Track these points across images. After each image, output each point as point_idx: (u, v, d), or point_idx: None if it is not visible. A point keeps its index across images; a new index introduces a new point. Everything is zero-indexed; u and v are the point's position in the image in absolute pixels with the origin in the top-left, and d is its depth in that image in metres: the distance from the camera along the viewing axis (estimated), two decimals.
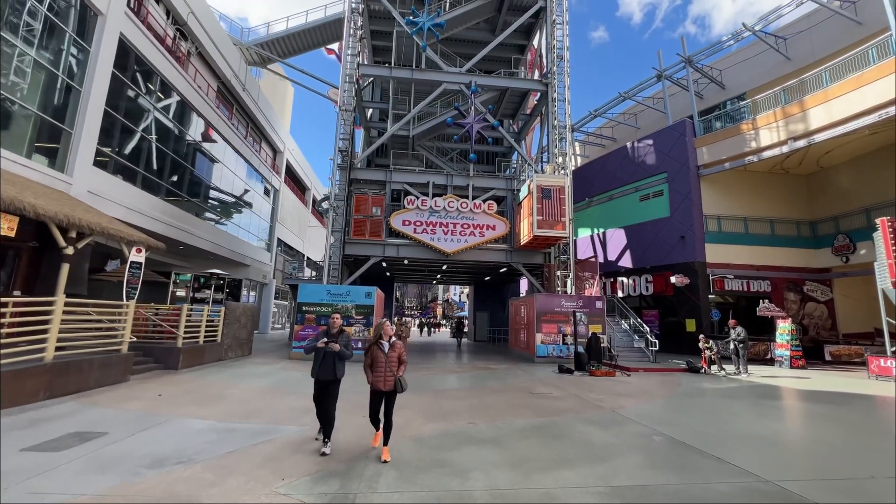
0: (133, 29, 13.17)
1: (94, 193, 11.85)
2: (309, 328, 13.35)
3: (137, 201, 13.97)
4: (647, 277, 20.09)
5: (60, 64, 11.04)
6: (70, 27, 11.14)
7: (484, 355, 17.20)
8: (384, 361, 4.61)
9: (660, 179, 20.26)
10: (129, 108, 13.69)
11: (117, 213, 12.79)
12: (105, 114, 12.48)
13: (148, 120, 14.65)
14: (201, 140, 18.16)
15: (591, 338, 12.59)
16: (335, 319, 5.04)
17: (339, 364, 4.79)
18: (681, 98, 23.03)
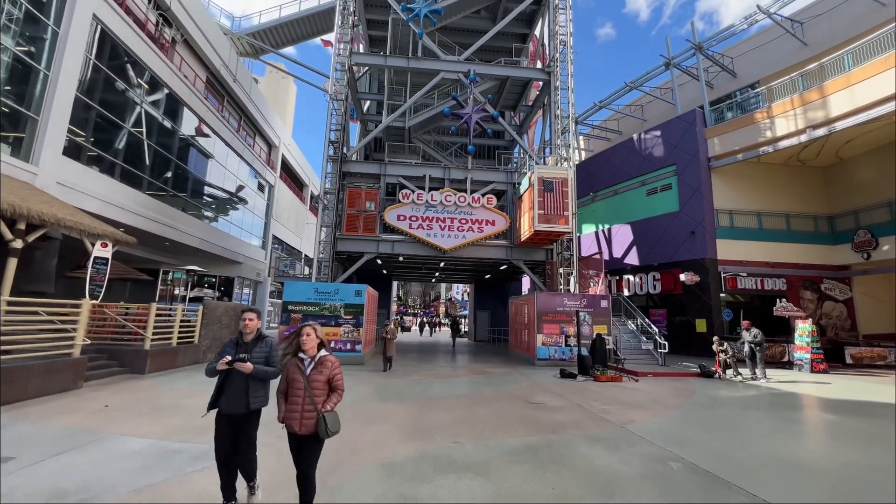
0: (108, 11, 12.41)
1: (64, 185, 11.11)
2: (294, 329, 12.55)
3: (116, 194, 13.24)
4: (655, 275, 19.15)
5: (25, 45, 10.30)
6: (36, 6, 10.39)
7: (482, 357, 16.36)
8: (303, 388, 3.04)
9: (668, 172, 19.29)
10: (106, 96, 12.95)
11: (91, 206, 12.07)
12: (78, 101, 11.75)
13: (128, 109, 13.91)
14: (188, 132, 17.42)
15: (596, 339, 11.71)
16: (248, 321, 3.46)
17: (254, 388, 3.30)
18: (690, 88, 22.04)
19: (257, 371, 3.27)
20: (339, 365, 3.26)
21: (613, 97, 23.68)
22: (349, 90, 20.18)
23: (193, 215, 18.31)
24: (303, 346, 3.19)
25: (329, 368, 3.17)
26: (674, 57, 20.25)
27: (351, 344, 12.59)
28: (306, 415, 3.02)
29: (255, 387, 3.32)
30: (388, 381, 9.66)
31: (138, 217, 14.25)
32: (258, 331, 3.55)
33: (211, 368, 3.30)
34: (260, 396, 3.36)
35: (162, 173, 16.02)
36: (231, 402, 3.29)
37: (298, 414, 3.02)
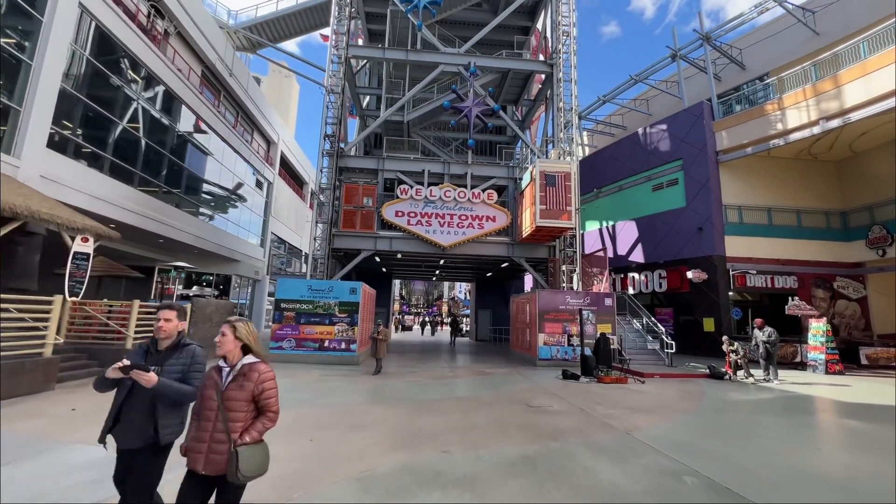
0: (96, 0, 12.04)
1: (48, 178, 10.75)
2: (287, 327, 12.18)
3: (105, 189, 12.87)
4: (661, 273, 18.62)
5: (7, 35, 9.93)
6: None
7: (482, 357, 15.91)
8: (215, 408, 2.23)
9: (674, 167, 18.74)
10: (94, 88, 12.58)
11: (78, 200, 11.71)
12: (64, 93, 11.40)
13: (118, 103, 13.54)
14: (182, 127, 17.06)
15: (600, 339, 11.23)
16: (163, 322, 2.62)
17: (164, 414, 2.42)
18: (697, 81, 21.48)
19: (165, 388, 2.32)
20: (271, 376, 2.41)
21: (618, 91, 23.13)
22: (347, 84, 19.80)
23: (189, 212, 17.96)
24: (221, 343, 2.35)
25: (255, 381, 2.29)
26: (680, 48, 19.69)
27: (345, 343, 12.17)
28: (215, 447, 2.14)
29: (165, 412, 2.42)
30: (382, 382, 9.23)
31: (129, 213, 13.89)
32: (178, 335, 2.70)
33: (101, 379, 2.35)
34: (172, 426, 2.46)
35: (154, 169, 15.65)
36: (128, 431, 2.37)
37: (206, 444, 2.16)
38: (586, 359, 10.71)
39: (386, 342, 10.65)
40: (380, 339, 10.44)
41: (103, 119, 13.05)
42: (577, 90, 16.73)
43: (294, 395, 7.41)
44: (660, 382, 9.99)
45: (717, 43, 19.23)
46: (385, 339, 10.53)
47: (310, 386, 8.35)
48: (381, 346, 10.62)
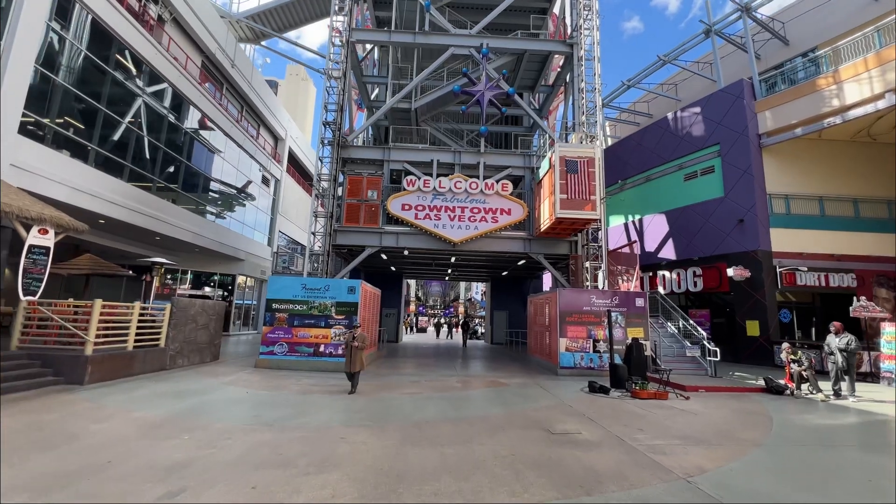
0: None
1: (20, 168, 9.88)
2: (279, 330, 11.02)
3: (89, 182, 12.01)
4: (695, 270, 16.81)
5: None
6: None
7: (497, 363, 14.46)
8: None
9: (710, 153, 16.93)
10: (78, 74, 11.75)
11: (57, 192, 10.85)
12: (41, 77, 10.57)
13: (105, 89, 12.70)
14: (179, 118, 16.22)
15: (632, 345, 9.67)
16: None
17: None
18: (732, 60, 19.53)
19: None
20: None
21: (643, 74, 21.38)
22: (353, 72, 18.68)
23: (188, 209, 17.14)
24: None
25: None
26: (715, 23, 17.85)
27: (343, 348, 10.93)
28: None
29: None
30: (374, 396, 7.95)
31: (118, 207, 13.04)
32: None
33: None
34: None
35: (148, 162, 14.82)
36: None
37: None
38: (617, 368, 9.17)
39: (363, 351, 8.24)
40: (355, 347, 8.08)
41: (89, 107, 12.21)
42: (600, 69, 15.14)
43: (266, 414, 6.17)
44: (707, 398, 8.39)
45: (757, 16, 17.32)
46: (362, 347, 8.14)
47: (289, 401, 7.11)
48: (357, 357, 8.07)
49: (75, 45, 11.51)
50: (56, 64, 11.02)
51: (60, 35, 11.02)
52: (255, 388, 8.08)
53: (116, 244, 15.76)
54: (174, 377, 8.77)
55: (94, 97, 12.32)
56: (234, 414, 6.14)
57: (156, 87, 14.85)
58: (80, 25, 11.70)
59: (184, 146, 16.72)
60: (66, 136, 11.53)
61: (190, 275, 21.42)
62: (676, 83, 22.75)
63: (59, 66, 11.10)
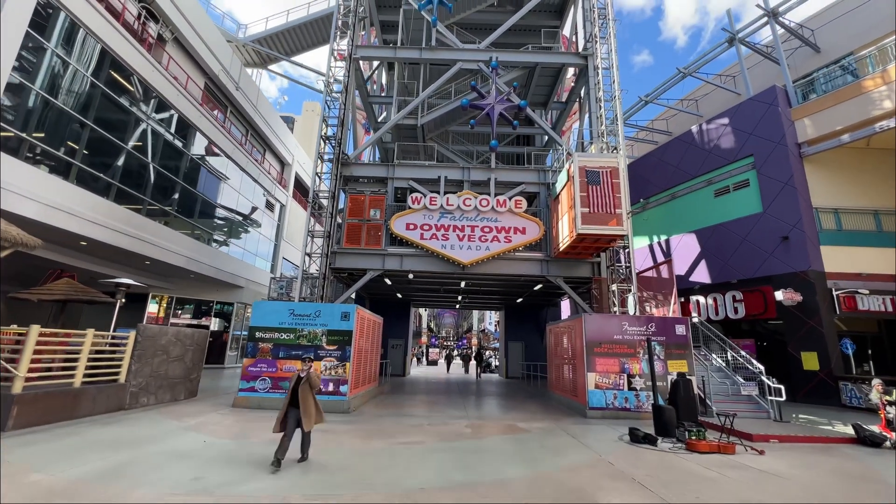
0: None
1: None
2: (262, 363, 9.60)
3: (68, 199, 11.12)
4: (735, 295, 14.99)
5: None
6: None
7: (513, 402, 12.66)
8: None
9: (743, 166, 15.48)
10: (61, 85, 11.13)
11: (26, 209, 9.93)
12: (16, 87, 9.91)
13: (92, 104, 12.06)
14: (176, 138, 15.59)
15: (678, 382, 7.95)
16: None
17: None
18: (757, 72, 18.35)
19: None
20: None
21: (662, 89, 20.36)
22: (357, 91, 18.10)
23: (184, 233, 16.24)
24: None
25: None
26: (739, 30, 16.85)
27: (333, 384, 9.42)
28: None
29: None
30: (364, 446, 6.39)
31: (100, 227, 12.10)
32: None
33: None
34: None
35: (138, 181, 14.04)
36: None
37: None
38: (662, 411, 7.45)
39: (314, 392, 5.47)
40: (305, 391, 5.37)
41: (72, 121, 11.51)
42: (619, 76, 14.10)
43: (212, 476, 4.69)
44: (785, 452, 6.58)
45: (785, 22, 16.27)
46: (314, 388, 5.46)
47: (251, 455, 5.60)
48: (308, 404, 5.34)
49: (65, 60, 10.93)
50: (36, 75, 10.39)
51: (44, 46, 10.44)
52: (218, 436, 6.60)
53: (104, 269, 14.79)
54: (128, 420, 7.35)
55: (81, 111, 11.64)
56: (169, 476, 4.67)
57: (151, 104, 14.27)
58: (66, 35, 11.17)
59: (180, 167, 16.01)
60: (43, 149, 10.74)
61: (191, 304, 20.36)
62: (697, 98, 21.65)
63: (40, 77, 10.46)
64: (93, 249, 13.24)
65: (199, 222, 17.49)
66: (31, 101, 10.33)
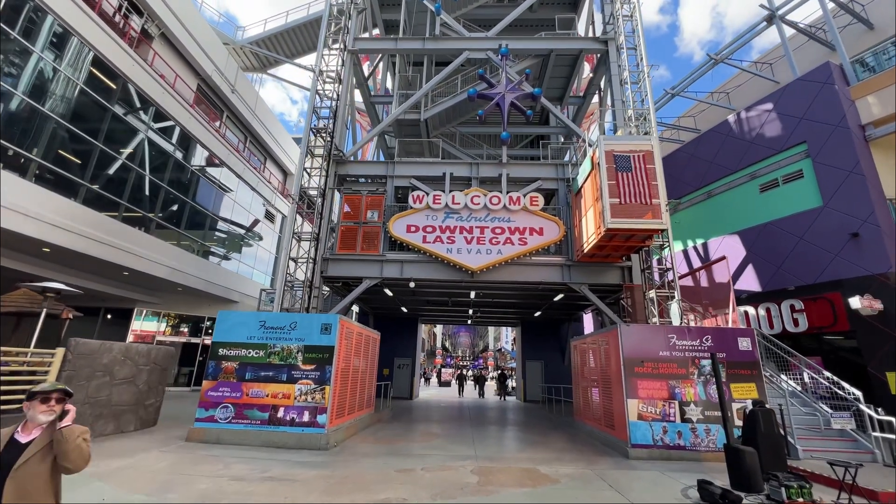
0: None
1: None
2: (225, 386, 7.89)
3: (25, 199, 9.87)
4: (794, 304, 12.72)
5: None
6: None
7: (533, 434, 10.58)
8: None
9: (795, 155, 13.43)
10: (14, 68, 10.05)
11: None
12: None
13: (55, 91, 10.96)
14: (157, 135, 14.46)
15: (756, 414, 5.90)
16: None
17: None
18: (799, 58, 16.42)
19: None
20: None
21: (689, 80, 18.57)
22: (358, 90, 16.88)
23: (171, 243, 14.96)
24: None
25: None
26: (778, 7, 15.05)
27: (309, 413, 7.63)
28: None
29: None
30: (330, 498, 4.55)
31: (66, 233, 10.80)
32: None
33: None
34: None
35: (114, 184, 12.84)
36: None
37: None
38: (741, 456, 5.40)
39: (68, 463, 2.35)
40: (56, 451, 2.34)
41: (30, 110, 10.36)
42: (645, 52, 12.41)
43: None
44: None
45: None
46: (67, 457, 2.33)
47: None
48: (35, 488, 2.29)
49: (27, 46, 9.85)
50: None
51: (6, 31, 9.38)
52: (131, 488, 4.87)
53: (77, 280, 13.49)
54: None
55: (38, 98, 10.50)
56: None
57: (128, 97, 13.18)
58: (30, 17, 10.13)
59: (165, 170, 14.83)
60: None
61: (190, 321, 19.02)
62: (728, 91, 19.73)
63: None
64: (59, 258, 11.96)
65: (187, 231, 16.22)
66: None
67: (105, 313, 16.97)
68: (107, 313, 17.01)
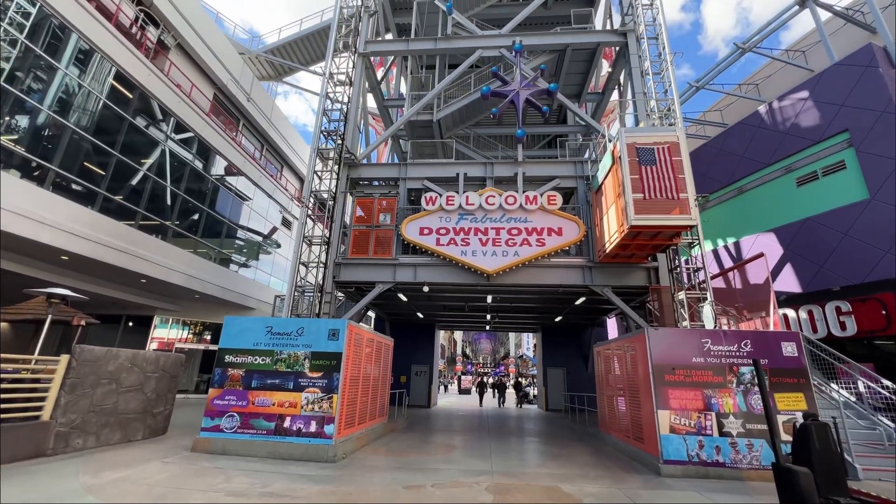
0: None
1: None
2: (231, 394, 7.64)
3: (41, 208, 9.98)
4: (839, 306, 11.72)
5: None
6: None
7: (555, 446, 9.94)
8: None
9: (836, 145, 12.48)
10: (34, 80, 10.23)
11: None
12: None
13: (73, 101, 11.14)
14: (176, 145, 14.61)
15: (809, 429, 5.17)
16: None
17: None
18: (836, 41, 15.40)
19: None
20: None
21: (714, 72, 17.69)
22: (371, 93, 16.76)
23: (190, 251, 15.07)
24: None
25: None
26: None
27: (316, 423, 7.28)
28: None
29: None
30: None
31: (83, 241, 10.90)
32: None
33: None
34: None
35: (131, 192, 12.97)
36: None
37: None
38: (794, 478, 4.71)
39: None
40: None
41: (48, 121, 10.53)
42: (668, 40, 11.78)
43: None
44: None
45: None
46: None
47: None
48: None
49: (37, 52, 10.04)
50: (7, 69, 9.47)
51: (13, 37, 9.57)
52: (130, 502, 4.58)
53: (96, 288, 13.67)
54: (28, 473, 5.50)
55: (58, 110, 10.67)
56: None
57: (142, 107, 13.35)
58: (40, 29, 10.33)
59: (182, 178, 14.97)
60: (10, 151, 9.69)
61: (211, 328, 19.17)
62: (757, 83, 18.72)
63: (26, 80, 9.54)
64: (77, 266, 12.11)
65: (204, 238, 16.32)
66: None
67: (126, 321, 17.23)
68: (128, 321, 17.26)
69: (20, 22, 9.67)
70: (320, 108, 12.14)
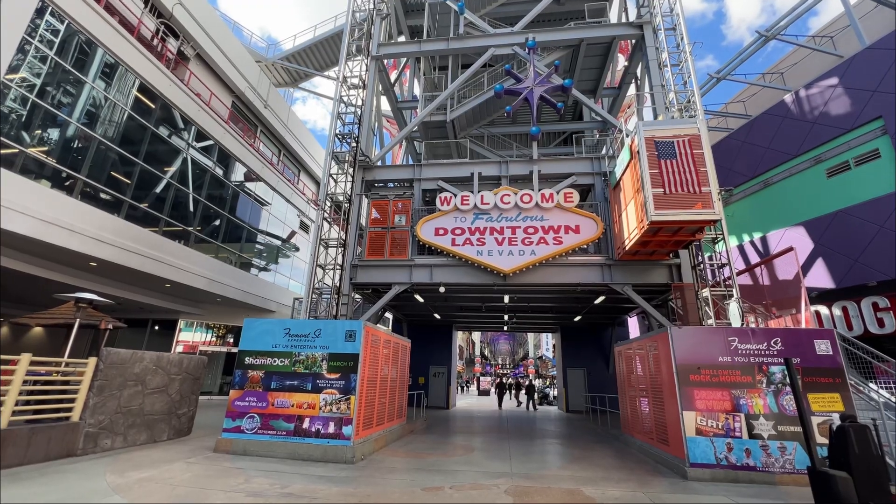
0: None
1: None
2: (251, 396, 7.75)
3: (69, 216, 10.36)
4: (877, 302, 11.16)
5: None
6: None
7: (576, 449, 9.74)
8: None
9: (868, 133, 11.90)
10: (63, 93, 10.64)
11: (17, 224, 9.15)
12: (8, 94, 9.39)
13: (100, 113, 11.54)
14: (199, 153, 14.99)
15: (847, 432, 4.90)
16: None
17: None
18: (866, 25, 14.71)
19: None
20: None
21: (737, 61, 17.13)
22: (384, 95, 16.87)
23: (211, 255, 15.43)
24: None
25: None
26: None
27: (334, 424, 7.31)
28: None
29: None
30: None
31: (107, 246, 11.27)
32: None
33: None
34: None
35: (155, 199, 13.36)
36: None
37: None
38: (831, 483, 4.48)
39: None
40: None
41: (76, 132, 10.93)
42: (686, 33, 11.45)
43: None
44: None
45: None
46: None
47: None
48: None
49: (62, 64, 10.43)
50: (29, 81, 9.87)
51: (45, 55, 9.96)
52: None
53: (122, 293, 14.13)
54: (60, 472, 5.69)
55: (85, 121, 11.07)
56: None
57: (164, 117, 13.73)
58: (68, 44, 10.73)
59: (202, 184, 15.35)
60: (43, 163, 10.10)
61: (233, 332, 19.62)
62: (782, 71, 18.06)
63: (34, 83, 9.94)
64: (105, 271, 12.53)
65: (225, 243, 16.69)
66: (27, 107, 9.76)
67: (153, 325, 17.75)
68: (154, 325, 17.78)
69: (49, 39, 10.08)
70: (335, 112, 12.25)
